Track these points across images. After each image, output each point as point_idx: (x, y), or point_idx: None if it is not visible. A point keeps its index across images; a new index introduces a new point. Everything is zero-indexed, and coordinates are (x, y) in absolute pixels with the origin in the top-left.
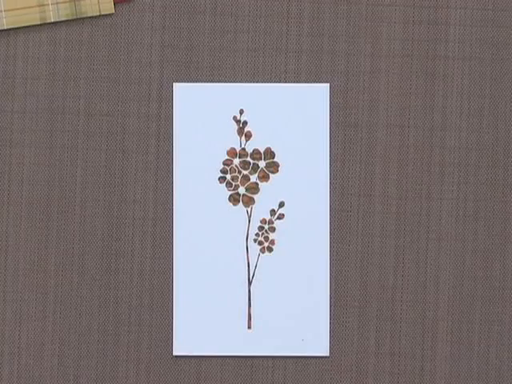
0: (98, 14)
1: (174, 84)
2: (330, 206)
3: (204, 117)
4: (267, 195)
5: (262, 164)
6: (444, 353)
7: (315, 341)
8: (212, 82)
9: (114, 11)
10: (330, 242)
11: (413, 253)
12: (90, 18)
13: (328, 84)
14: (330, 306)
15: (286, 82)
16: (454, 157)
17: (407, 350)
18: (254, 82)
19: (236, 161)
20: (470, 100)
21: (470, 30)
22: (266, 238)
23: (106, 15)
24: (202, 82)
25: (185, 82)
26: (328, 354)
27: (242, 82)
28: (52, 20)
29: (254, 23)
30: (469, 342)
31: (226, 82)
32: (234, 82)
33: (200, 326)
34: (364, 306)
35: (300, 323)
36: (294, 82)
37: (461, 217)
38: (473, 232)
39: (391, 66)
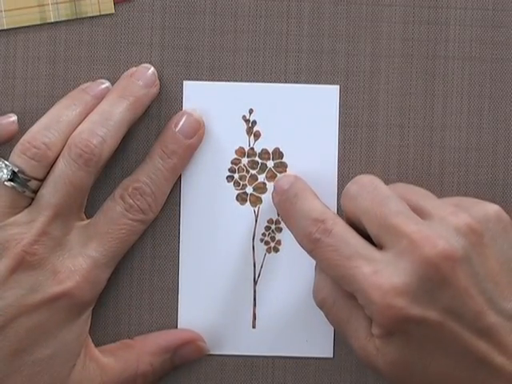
0: (98, 14)
1: (184, 82)
2: None
3: (213, 115)
4: None
5: (270, 164)
6: None
7: (320, 342)
8: (213, 81)
9: (114, 11)
10: None
11: None
12: (90, 17)
13: (338, 86)
14: None
15: (285, 82)
16: (454, 157)
17: None
18: (254, 82)
19: (244, 160)
20: (470, 100)
21: (470, 29)
22: (273, 238)
23: (105, 15)
24: (203, 81)
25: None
26: (332, 356)
27: (242, 81)
28: (52, 20)
29: (254, 23)
30: None
31: (226, 81)
32: (234, 81)
33: (204, 325)
34: None
35: (305, 324)
36: (294, 82)
37: None
38: None
39: (391, 66)
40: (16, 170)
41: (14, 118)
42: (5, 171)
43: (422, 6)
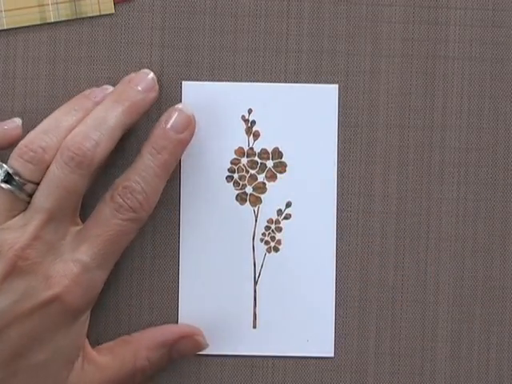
0: (98, 14)
1: (182, 82)
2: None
3: (212, 115)
4: (274, 195)
5: (269, 164)
6: (444, 353)
7: (320, 341)
8: (212, 81)
9: (114, 11)
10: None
11: (413, 253)
12: (89, 17)
13: (337, 85)
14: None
15: (285, 81)
16: (454, 157)
17: (407, 350)
18: (254, 82)
19: (244, 160)
20: (470, 100)
21: (470, 29)
22: (273, 238)
23: (106, 15)
24: (202, 81)
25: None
26: (333, 355)
27: (242, 81)
28: (52, 20)
29: (254, 23)
30: (469, 342)
31: (226, 81)
32: (234, 81)
33: (204, 325)
34: (364, 306)
35: (305, 324)
36: (294, 83)
37: (461, 217)
38: (473, 232)
39: (391, 66)
40: (11, 171)
41: (18, 122)
42: None
43: (422, 5)
